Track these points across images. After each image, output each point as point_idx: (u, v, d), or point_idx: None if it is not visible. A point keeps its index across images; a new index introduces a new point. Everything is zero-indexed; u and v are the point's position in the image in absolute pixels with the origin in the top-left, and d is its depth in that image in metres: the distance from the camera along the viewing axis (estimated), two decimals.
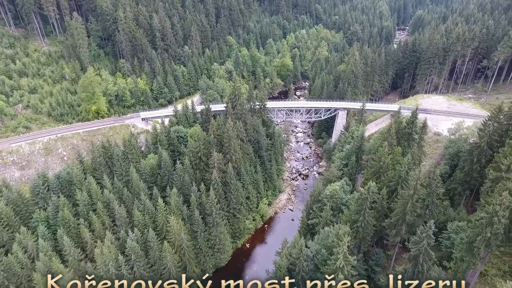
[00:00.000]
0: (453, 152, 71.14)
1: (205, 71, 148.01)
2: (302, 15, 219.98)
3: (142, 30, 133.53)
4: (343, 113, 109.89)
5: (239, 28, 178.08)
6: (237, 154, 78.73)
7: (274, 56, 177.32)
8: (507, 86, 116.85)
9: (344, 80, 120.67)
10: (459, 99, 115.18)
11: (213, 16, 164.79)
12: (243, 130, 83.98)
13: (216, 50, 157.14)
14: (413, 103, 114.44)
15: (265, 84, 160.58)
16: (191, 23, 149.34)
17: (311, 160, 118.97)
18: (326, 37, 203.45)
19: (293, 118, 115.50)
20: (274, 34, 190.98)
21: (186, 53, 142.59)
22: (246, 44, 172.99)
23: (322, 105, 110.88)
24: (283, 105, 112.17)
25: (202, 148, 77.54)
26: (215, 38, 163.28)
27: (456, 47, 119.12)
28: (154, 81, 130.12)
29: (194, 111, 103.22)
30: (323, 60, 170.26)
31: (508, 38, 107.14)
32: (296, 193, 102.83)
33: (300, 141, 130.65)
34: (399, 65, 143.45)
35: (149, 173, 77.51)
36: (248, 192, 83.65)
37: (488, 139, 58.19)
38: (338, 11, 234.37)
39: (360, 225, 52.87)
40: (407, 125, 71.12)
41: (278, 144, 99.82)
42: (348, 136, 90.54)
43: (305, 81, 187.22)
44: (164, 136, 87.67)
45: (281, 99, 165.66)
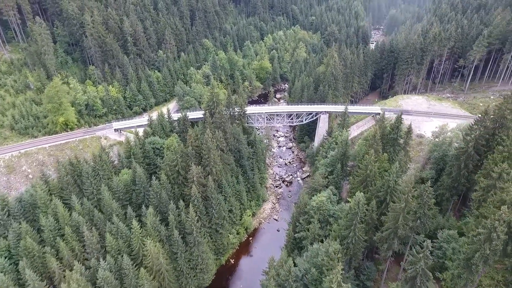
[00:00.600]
0: (439, 156, 69.84)
1: (181, 76, 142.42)
2: (279, 16, 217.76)
3: (112, 35, 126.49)
4: (325, 117, 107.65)
5: (215, 30, 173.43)
6: (218, 166, 74.42)
7: (252, 59, 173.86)
8: (483, 85, 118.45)
9: (324, 83, 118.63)
10: (438, 99, 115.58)
11: (187, 18, 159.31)
12: (223, 140, 79.75)
13: (192, 54, 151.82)
14: (394, 104, 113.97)
15: (244, 87, 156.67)
16: (165, 27, 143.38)
17: (294, 165, 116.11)
18: (303, 38, 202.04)
19: (274, 123, 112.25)
20: (252, 36, 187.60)
21: (161, 58, 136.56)
22: (223, 47, 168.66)
23: (303, 109, 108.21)
24: (264, 110, 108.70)
25: (180, 161, 72.71)
26: (191, 41, 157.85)
27: (433, 47, 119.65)
28: (127, 88, 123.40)
29: (170, 119, 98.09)
30: (302, 61, 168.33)
31: (483, 38, 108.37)
32: (281, 201, 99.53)
33: (282, 146, 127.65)
34: (378, 65, 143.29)
35: (123, 190, 71.87)
36: (230, 204, 79.47)
37: (475, 144, 56.76)
38: (315, 12, 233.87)
39: (351, 241, 49.94)
40: (392, 130, 69.21)
41: (260, 151, 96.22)
42: (331, 141, 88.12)
43: (284, 83, 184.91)
44: (138, 148, 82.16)
45: (261, 102, 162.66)
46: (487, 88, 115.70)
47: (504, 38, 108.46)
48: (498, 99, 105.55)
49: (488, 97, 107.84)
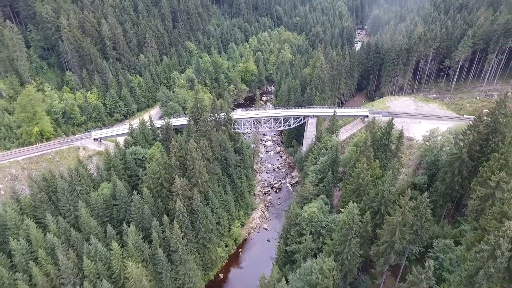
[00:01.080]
0: (430, 161, 68.28)
1: (164, 81, 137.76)
2: (263, 17, 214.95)
3: (90, 39, 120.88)
4: (313, 120, 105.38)
5: (198, 32, 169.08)
6: (203, 176, 70.81)
7: (237, 61, 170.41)
8: (468, 85, 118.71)
9: (311, 86, 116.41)
10: (425, 100, 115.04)
11: (169, 20, 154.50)
12: (209, 149, 76.17)
13: (175, 57, 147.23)
14: (381, 106, 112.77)
15: (230, 91, 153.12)
16: (146, 29, 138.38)
17: (283, 170, 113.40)
18: (288, 39, 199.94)
19: (261, 128, 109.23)
20: (236, 37, 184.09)
21: (142, 62, 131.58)
22: (207, 50, 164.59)
23: (290, 113, 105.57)
24: (250, 115, 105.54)
25: (163, 173, 68.78)
26: (173, 44, 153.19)
27: (418, 47, 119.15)
28: (107, 94, 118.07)
29: (153, 127, 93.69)
30: (288, 63, 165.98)
31: (467, 38, 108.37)
32: (270, 209, 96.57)
33: (270, 151, 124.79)
34: (364, 66, 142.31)
35: (102, 206, 67.33)
36: (218, 216, 75.95)
37: (468, 149, 55.18)
38: (299, 13, 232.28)
39: (346, 257, 47.34)
40: (383, 135, 67.18)
41: (247, 158, 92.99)
42: (321, 147, 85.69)
43: (270, 85, 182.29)
44: (119, 160, 77.64)
45: (247, 105, 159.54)
46: (473, 88, 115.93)
47: (488, 38, 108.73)
48: (484, 99, 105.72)
49: (474, 97, 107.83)
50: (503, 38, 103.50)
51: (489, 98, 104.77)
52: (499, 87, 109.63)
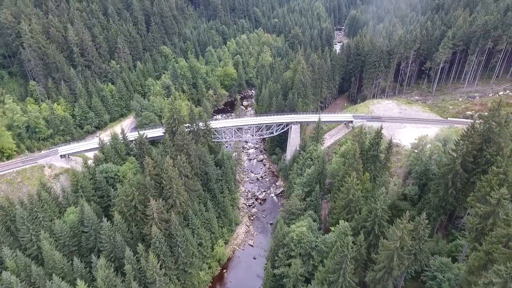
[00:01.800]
0: (420, 170, 65.43)
1: (138, 88, 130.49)
2: (241, 19, 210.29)
3: (55, 45, 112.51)
4: (296, 127, 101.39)
5: (174, 36, 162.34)
6: (182, 196, 65.12)
7: (215, 65, 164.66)
8: (450, 86, 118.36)
9: (293, 91, 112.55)
10: (408, 103, 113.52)
11: (143, 24, 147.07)
12: (187, 165, 70.47)
13: (149, 63, 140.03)
14: (365, 110, 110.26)
15: (209, 96, 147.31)
16: (117, 34, 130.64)
17: (267, 180, 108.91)
18: (268, 41, 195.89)
19: (242, 136, 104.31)
20: (214, 40, 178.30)
21: (114, 69, 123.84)
22: (184, 54, 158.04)
23: (273, 120, 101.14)
24: (231, 124, 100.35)
25: (137, 195, 62.63)
26: (148, 49, 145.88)
27: (399, 49, 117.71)
28: (76, 104, 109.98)
29: (126, 140, 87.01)
30: (268, 67, 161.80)
31: (448, 39, 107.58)
32: (255, 223, 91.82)
33: (253, 159, 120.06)
34: (345, 69, 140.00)
35: (69, 234, 60.49)
36: (199, 237, 70.43)
37: (462, 160, 52.35)
38: (277, 14, 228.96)
39: (340, 287, 43.15)
40: (372, 146, 63.71)
41: (229, 171, 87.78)
42: (306, 157, 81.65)
43: (251, 89, 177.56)
44: (87, 180, 70.82)
45: (228, 110, 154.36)
46: (454, 89, 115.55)
47: (468, 39, 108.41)
48: (467, 101, 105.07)
49: (456, 99, 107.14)
50: (482, 40, 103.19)
51: (471, 100, 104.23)
52: (480, 88, 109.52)
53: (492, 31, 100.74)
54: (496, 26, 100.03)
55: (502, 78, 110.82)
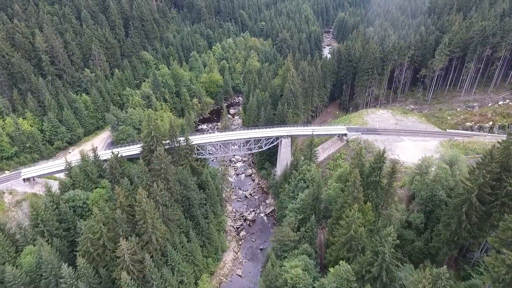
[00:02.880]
0: (427, 196, 58.79)
1: (116, 98, 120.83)
2: (227, 22, 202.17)
3: (21, 53, 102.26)
4: (287, 141, 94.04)
5: (155, 41, 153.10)
6: (159, 231, 56.72)
7: (200, 71, 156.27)
8: (446, 94, 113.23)
9: (283, 101, 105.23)
10: (404, 112, 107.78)
11: (121, 28, 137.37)
12: (165, 192, 62.12)
13: (128, 70, 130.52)
14: (359, 122, 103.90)
15: (193, 105, 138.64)
16: (91, 39, 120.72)
17: (256, 197, 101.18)
18: (255, 45, 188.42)
19: (229, 152, 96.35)
20: (198, 45, 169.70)
21: (88, 78, 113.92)
22: (166, 59, 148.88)
23: (262, 134, 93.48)
24: (216, 139, 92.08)
25: (105, 232, 53.94)
26: (126, 55, 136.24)
27: (393, 56, 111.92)
28: (45, 118, 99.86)
29: (98, 160, 77.90)
30: (255, 73, 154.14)
31: (444, 46, 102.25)
32: (243, 248, 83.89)
33: (241, 173, 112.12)
34: (336, 75, 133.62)
35: (25, 280, 51.32)
36: (180, 274, 62.03)
37: (479, 191, 45.80)
38: (264, 17, 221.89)
39: None
40: (373, 171, 56.75)
41: (214, 193, 79.62)
42: (298, 178, 74.23)
43: (238, 95, 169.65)
44: (50, 211, 61.59)
45: (213, 119, 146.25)
46: (451, 97, 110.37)
47: (465, 46, 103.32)
48: (465, 111, 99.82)
49: (454, 109, 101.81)
50: (480, 46, 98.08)
51: (470, 109, 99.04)
52: (477, 96, 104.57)
53: (491, 38, 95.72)
54: (495, 33, 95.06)
55: (500, 86, 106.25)
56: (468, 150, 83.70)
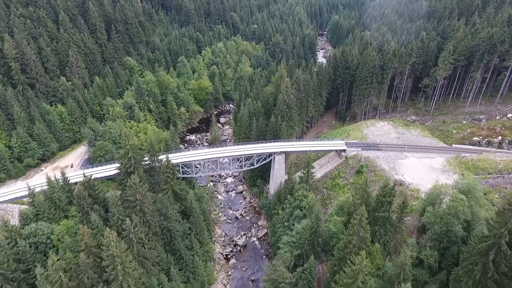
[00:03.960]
0: (441, 231, 51.28)
1: (96, 108, 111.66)
2: (217, 25, 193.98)
3: None
4: (281, 158, 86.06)
5: (140, 45, 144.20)
6: (131, 277, 48.14)
7: (188, 77, 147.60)
8: (449, 105, 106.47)
9: (276, 112, 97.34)
10: (405, 125, 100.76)
11: (102, 32, 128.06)
12: (141, 227, 53.62)
13: (110, 77, 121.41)
14: (358, 135, 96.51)
15: (181, 114, 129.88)
16: (69, 45, 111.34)
17: (248, 218, 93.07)
18: (246, 50, 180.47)
19: (218, 170, 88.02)
20: (187, 49, 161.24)
21: (64, 87, 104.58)
22: (152, 65, 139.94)
23: (253, 150, 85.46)
24: (203, 156, 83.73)
25: (67, 282, 45.23)
26: (108, 61, 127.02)
27: (393, 64, 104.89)
28: (13, 133, 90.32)
29: (68, 184, 68.88)
30: (247, 80, 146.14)
31: (448, 54, 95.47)
32: (233, 279, 75.58)
33: (231, 190, 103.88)
34: (332, 83, 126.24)
35: None
36: None
37: (510, 236, 38.42)
38: (256, 20, 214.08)
39: None
40: (381, 205, 49.03)
41: (200, 219, 71.14)
42: (294, 204, 66.15)
43: (229, 103, 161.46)
44: (5, 252, 52.51)
45: (202, 129, 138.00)
46: (454, 108, 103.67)
47: (470, 53, 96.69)
48: (472, 124, 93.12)
49: (459, 121, 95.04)
50: (488, 55, 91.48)
51: (476, 123, 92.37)
52: (483, 108, 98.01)
53: (499, 46, 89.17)
54: (503, 40, 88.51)
55: (507, 97, 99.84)
56: (478, 169, 76.82)
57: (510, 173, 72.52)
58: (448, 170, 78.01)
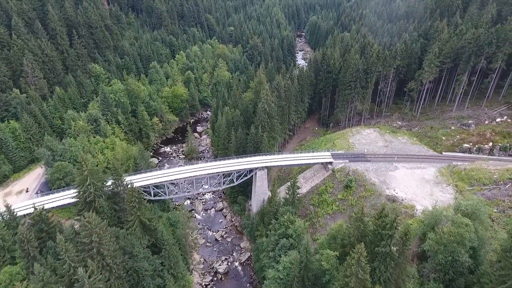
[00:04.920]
0: (446, 261, 45.31)
1: (57, 122, 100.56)
2: (192, 27, 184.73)
3: None
4: (263, 173, 78.77)
5: (107, 50, 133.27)
6: None
7: (162, 84, 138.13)
8: (435, 109, 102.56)
9: (256, 123, 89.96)
10: (392, 132, 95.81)
11: (64, 38, 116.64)
12: (99, 274, 44.71)
13: (73, 87, 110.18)
14: (344, 145, 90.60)
15: (153, 125, 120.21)
16: (23, 52, 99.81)
17: (229, 239, 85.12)
18: (223, 53, 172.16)
19: (194, 190, 79.63)
20: (159, 54, 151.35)
21: (18, 100, 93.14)
22: (121, 72, 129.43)
23: (232, 167, 77.57)
24: (176, 176, 75.04)
25: None
26: (71, 69, 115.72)
27: (377, 67, 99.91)
28: None
29: (14, 220, 58.79)
30: (224, 86, 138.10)
31: (434, 56, 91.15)
32: None
33: (210, 208, 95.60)
34: (314, 87, 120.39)
35: None
36: None
37: None
38: (233, 21, 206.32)
39: None
40: (381, 237, 42.41)
41: (173, 250, 62.47)
42: (280, 232, 58.75)
43: (206, 109, 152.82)
44: None
45: (178, 140, 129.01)
46: (441, 113, 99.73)
47: (456, 55, 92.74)
48: (461, 129, 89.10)
49: (448, 127, 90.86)
50: (475, 57, 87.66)
51: (465, 128, 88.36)
52: (471, 112, 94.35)
53: (486, 47, 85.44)
54: (491, 42, 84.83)
55: (494, 100, 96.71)
56: (472, 179, 72.38)
57: (507, 184, 68.27)
58: (441, 182, 73.09)
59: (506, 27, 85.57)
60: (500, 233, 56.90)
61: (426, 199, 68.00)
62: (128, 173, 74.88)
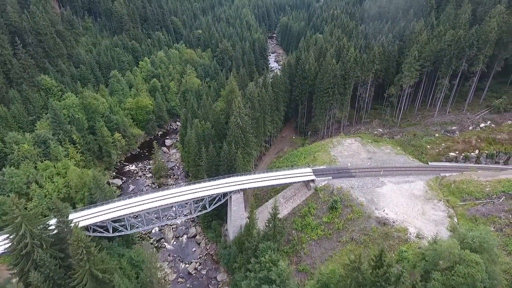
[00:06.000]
0: None
1: None
2: (157, 31, 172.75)
3: None
4: (239, 196, 70.43)
5: (60, 59, 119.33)
6: None
7: (124, 95, 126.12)
8: (416, 115, 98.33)
9: (229, 139, 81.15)
10: (375, 141, 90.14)
11: (6, 47, 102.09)
12: None
13: (18, 103, 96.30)
14: (326, 158, 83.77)
15: (115, 141, 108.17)
16: None
17: (204, 272, 75.73)
18: (192, 58, 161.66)
19: (161, 221, 69.67)
20: (121, 61, 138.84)
21: None
22: (77, 83, 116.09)
23: (204, 192, 68.41)
24: (140, 207, 64.83)
25: None
26: (16, 82, 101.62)
27: (355, 72, 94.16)
28: None
29: None
30: (193, 94, 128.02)
31: (414, 60, 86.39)
32: None
33: (181, 235, 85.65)
34: (289, 94, 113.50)
35: None
36: None
37: None
38: (201, 24, 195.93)
39: None
40: (380, 286, 35.08)
41: None
42: (260, 275, 50.27)
43: (175, 120, 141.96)
44: None
45: (144, 155, 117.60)
46: (423, 118, 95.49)
47: (436, 58, 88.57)
48: (445, 137, 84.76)
49: (431, 134, 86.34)
50: (456, 60, 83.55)
51: (450, 135, 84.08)
52: (453, 117, 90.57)
53: (468, 50, 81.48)
54: (472, 44, 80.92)
55: (474, 104, 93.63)
56: (463, 193, 67.60)
57: (500, 197, 63.79)
58: (431, 198, 67.72)
59: (485, 28, 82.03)
60: (501, 256, 51.93)
61: (419, 219, 62.23)
62: (80, 208, 63.92)
